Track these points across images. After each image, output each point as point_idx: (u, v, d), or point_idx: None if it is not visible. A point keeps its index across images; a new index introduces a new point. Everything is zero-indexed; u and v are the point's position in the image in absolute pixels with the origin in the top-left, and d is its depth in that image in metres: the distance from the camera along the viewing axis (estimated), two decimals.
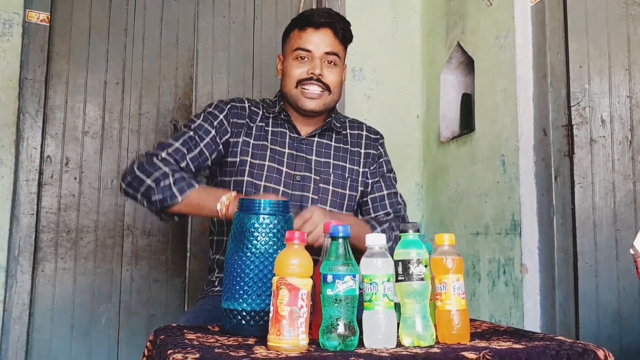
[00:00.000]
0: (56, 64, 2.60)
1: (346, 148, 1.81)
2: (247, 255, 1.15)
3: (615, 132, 2.15)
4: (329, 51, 1.70)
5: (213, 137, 1.68)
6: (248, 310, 1.14)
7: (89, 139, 2.63)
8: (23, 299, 2.43)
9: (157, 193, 1.52)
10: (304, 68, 1.70)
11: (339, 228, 1.03)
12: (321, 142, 1.78)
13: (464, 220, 2.64)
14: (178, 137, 1.66)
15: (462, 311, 1.07)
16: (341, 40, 1.74)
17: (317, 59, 1.69)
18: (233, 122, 1.72)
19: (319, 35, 1.70)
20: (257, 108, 1.79)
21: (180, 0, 2.83)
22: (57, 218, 2.55)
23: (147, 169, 1.56)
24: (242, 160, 1.69)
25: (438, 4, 3.00)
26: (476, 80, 2.63)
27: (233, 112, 1.73)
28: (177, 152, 1.62)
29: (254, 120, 1.75)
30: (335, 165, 1.77)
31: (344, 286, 0.99)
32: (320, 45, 1.70)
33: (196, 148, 1.65)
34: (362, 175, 1.80)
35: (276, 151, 1.72)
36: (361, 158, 1.82)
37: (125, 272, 2.63)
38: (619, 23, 2.17)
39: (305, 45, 1.70)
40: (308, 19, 1.72)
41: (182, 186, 1.53)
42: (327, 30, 1.71)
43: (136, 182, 1.57)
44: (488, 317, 2.41)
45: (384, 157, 1.87)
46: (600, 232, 2.10)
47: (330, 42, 1.71)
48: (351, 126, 1.87)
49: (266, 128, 1.75)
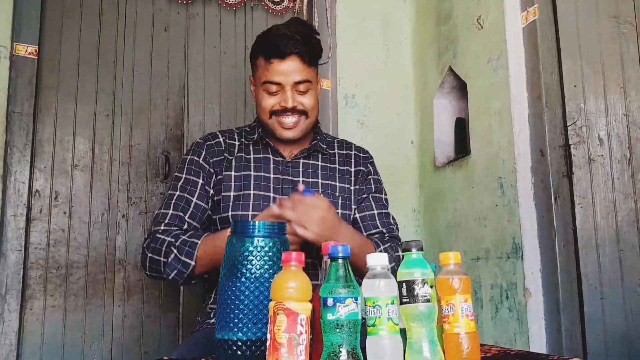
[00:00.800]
0: (45, 97, 2.56)
1: (334, 167, 1.76)
2: (241, 280, 1.09)
3: (613, 150, 2.12)
4: (299, 80, 1.63)
5: (202, 186, 1.65)
6: (244, 340, 1.07)
7: (78, 172, 2.58)
8: (10, 339, 2.34)
9: (171, 269, 1.50)
10: (275, 100, 1.65)
11: (339, 248, 0.98)
12: (307, 163, 1.73)
13: (463, 246, 2.59)
14: (169, 203, 1.63)
15: (472, 334, 1.01)
16: (309, 64, 1.65)
17: (288, 90, 1.63)
18: (213, 161, 1.68)
19: (287, 65, 1.61)
20: (233, 139, 1.75)
21: (171, 31, 2.82)
22: (46, 254, 2.48)
23: (156, 248, 1.54)
24: (226, 196, 1.65)
25: (428, 29, 3.00)
26: (470, 104, 2.61)
27: (209, 151, 1.69)
28: (174, 218, 1.60)
29: (232, 152, 1.71)
30: (324, 184, 1.71)
31: (345, 310, 0.94)
32: (289, 75, 1.62)
33: (190, 205, 1.62)
34: (355, 193, 1.74)
35: (261, 178, 1.67)
36: (351, 176, 1.76)
37: (117, 307, 2.55)
38: (612, 42, 2.17)
39: (273, 78, 1.62)
40: (273, 48, 1.61)
41: (187, 251, 1.49)
42: (294, 59, 1.61)
43: (155, 264, 1.55)
44: (492, 344, 2.34)
45: (373, 176, 1.81)
46: (604, 252, 2.06)
47: (299, 70, 1.62)
48: (339, 146, 1.83)
49: (247, 157, 1.71)
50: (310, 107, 1.67)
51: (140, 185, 2.66)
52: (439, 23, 2.90)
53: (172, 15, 2.84)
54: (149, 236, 1.60)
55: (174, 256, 1.50)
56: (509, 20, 2.35)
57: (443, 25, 2.86)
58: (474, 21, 2.58)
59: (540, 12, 2.22)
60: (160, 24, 2.81)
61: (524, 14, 2.29)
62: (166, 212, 1.61)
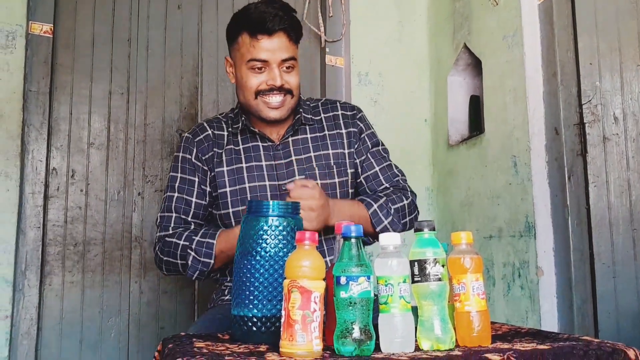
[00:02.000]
0: (60, 76, 2.58)
1: (324, 135, 1.73)
2: (256, 259, 1.11)
3: (628, 129, 2.10)
4: (286, 57, 1.60)
5: (198, 184, 1.66)
6: (259, 317, 1.10)
7: (94, 150, 2.60)
8: (31, 314, 2.40)
9: (193, 271, 1.56)
10: (261, 78, 1.60)
11: (352, 228, 0.99)
12: (297, 139, 1.71)
13: (476, 224, 2.60)
14: (170, 206, 1.65)
15: (483, 312, 1.03)
16: (295, 41, 1.63)
17: (275, 68, 1.59)
18: (205, 158, 1.67)
19: (274, 42, 1.57)
20: (221, 129, 1.72)
21: (184, 9, 2.81)
22: (63, 231, 2.52)
23: (171, 251, 1.59)
24: (222, 193, 1.65)
25: (443, 5, 2.97)
26: (484, 81, 2.59)
27: (200, 148, 1.68)
28: (178, 221, 1.63)
29: (221, 145, 1.69)
30: (317, 157, 1.69)
31: (358, 288, 0.95)
32: (276, 52, 1.58)
33: (191, 206, 1.65)
34: (349, 156, 1.72)
35: (253, 168, 1.66)
36: (343, 139, 1.73)
37: (134, 284, 2.59)
38: (629, 18, 2.14)
39: (260, 56, 1.58)
40: (259, 24, 1.57)
41: (205, 252, 1.54)
42: (281, 36, 1.58)
43: (172, 266, 1.61)
44: (504, 322, 2.36)
45: (366, 132, 1.77)
46: (617, 231, 2.05)
47: (285, 47, 1.59)
48: (324, 109, 1.78)
49: (236, 148, 1.69)
50: (295, 86, 1.64)
51: (155, 163, 2.68)
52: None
53: None
54: (159, 241, 1.63)
55: (193, 258, 1.54)
56: None
57: (458, 2, 2.83)
58: None
59: None
60: (173, 1, 2.80)
61: None
62: (169, 215, 1.64)
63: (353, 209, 1.62)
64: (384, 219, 1.63)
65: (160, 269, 1.67)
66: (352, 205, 1.64)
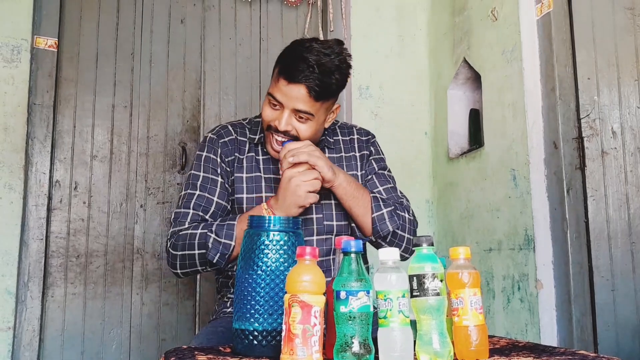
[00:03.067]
0: (64, 89, 2.61)
1: (340, 156, 1.75)
2: (257, 273, 1.12)
3: (626, 143, 2.12)
4: (300, 109, 1.53)
5: (222, 184, 1.64)
6: (260, 330, 1.11)
7: (97, 163, 2.63)
8: (33, 325, 2.41)
9: (213, 252, 1.49)
10: (274, 114, 1.57)
11: (352, 243, 1.01)
12: None
13: (476, 237, 2.61)
14: (189, 202, 1.60)
15: (480, 326, 1.04)
16: (316, 99, 1.52)
17: (286, 112, 1.54)
18: (228, 160, 1.66)
19: (291, 90, 1.51)
20: (244, 135, 1.71)
21: (187, 23, 2.85)
22: (66, 243, 2.54)
23: (186, 243, 1.52)
24: (239, 198, 1.64)
25: (443, 20, 3.00)
26: (484, 95, 2.62)
27: (224, 150, 1.67)
28: (195, 217, 1.58)
29: (243, 151, 1.68)
30: None
31: (357, 303, 0.97)
32: (291, 100, 1.52)
33: (211, 205, 1.61)
34: (362, 178, 1.74)
35: (271, 179, 1.66)
36: (357, 161, 1.75)
37: (136, 295, 2.60)
38: (627, 34, 2.16)
39: (275, 95, 1.54)
40: (286, 67, 1.52)
41: (227, 232, 1.49)
42: (302, 88, 1.50)
43: (187, 261, 1.53)
44: (504, 334, 2.37)
45: (375, 155, 1.79)
46: (616, 245, 2.07)
47: (302, 100, 1.51)
48: (342, 132, 1.80)
49: (257, 157, 1.68)
50: (305, 137, 1.57)
51: (157, 176, 2.70)
52: (454, 14, 2.90)
53: (189, 7, 2.87)
54: (172, 236, 1.58)
55: (214, 240, 1.49)
56: (523, 12, 2.35)
57: (457, 17, 2.86)
58: (489, 13, 2.58)
59: (554, 4, 2.21)
60: (176, 16, 2.84)
61: (539, 6, 2.29)
62: (187, 211, 1.59)
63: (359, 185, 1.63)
64: (383, 208, 1.61)
65: (174, 268, 1.58)
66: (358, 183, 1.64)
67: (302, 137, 1.57)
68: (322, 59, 1.51)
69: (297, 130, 1.56)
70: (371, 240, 1.64)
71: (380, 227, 1.60)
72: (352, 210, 1.61)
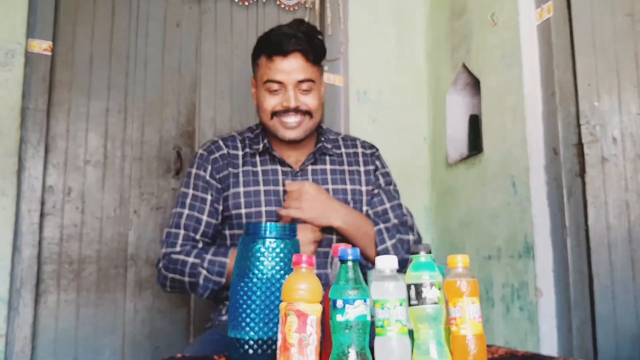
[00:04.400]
0: (58, 93, 2.58)
1: (343, 169, 1.74)
2: (253, 281, 1.10)
3: (626, 150, 2.10)
4: (302, 79, 1.59)
5: (211, 202, 1.64)
6: (255, 339, 1.09)
7: (91, 168, 2.60)
8: (25, 333, 2.38)
9: (203, 289, 1.53)
10: (277, 99, 1.61)
11: (348, 251, 0.98)
12: (316, 169, 1.71)
13: (475, 244, 2.59)
14: (179, 222, 1.62)
15: (479, 336, 1.02)
16: (314, 62, 1.61)
17: (291, 89, 1.59)
18: (219, 177, 1.65)
19: (289, 63, 1.57)
20: (236, 148, 1.70)
21: (182, 26, 2.83)
22: (59, 249, 2.51)
23: (177, 268, 1.56)
24: (237, 214, 1.63)
25: (442, 24, 2.99)
26: (483, 101, 2.60)
27: (215, 166, 1.66)
28: (186, 238, 1.60)
29: (237, 165, 1.67)
30: (335, 190, 1.69)
31: (354, 311, 0.94)
32: (291, 73, 1.58)
33: (201, 224, 1.62)
34: (366, 194, 1.73)
35: (271, 192, 1.65)
36: (361, 176, 1.75)
37: (129, 302, 2.57)
38: (627, 40, 2.15)
39: (275, 77, 1.58)
40: (275, 46, 1.58)
41: (218, 270, 1.52)
42: (298, 56, 1.58)
43: (177, 284, 1.58)
44: (503, 343, 2.34)
45: (381, 169, 1.79)
46: (616, 252, 2.05)
47: (302, 68, 1.58)
48: (345, 144, 1.80)
49: (254, 169, 1.67)
50: (314, 108, 1.63)
51: (151, 181, 2.67)
52: (453, 18, 2.88)
53: (184, 10, 2.85)
54: (163, 257, 1.60)
55: (205, 277, 1.52)
56: (523, 17, 2.34)
57: (457, 21, 2.84)
58: (488, 17, 2.57)
59: (554, 9, 2.20)
60: (172, 19, 2.82)
61: (539, 11, 2.27)
62: (177, 232, 1.61)
63: (361, 219, 1.64)
64: (387, 240, 1.62)
65: (163, 286, 1.63)
66: (361, 216, 1.66)
67: (312, 109, 1.62)
68: (300, 27, 1.61)
69: (306, 105, 1.61)
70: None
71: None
72: (355, 243, 1.60)
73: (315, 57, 1.62)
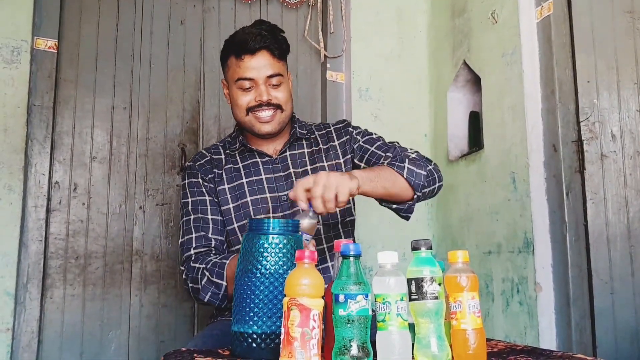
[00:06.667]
0: (64, 90, 2.61)
1: (319, 149, 1.79)
2: (256, 276, 1.13)
3: (626, 146, 2.12)
4: (271, 74, 1.67)
5: (212, 201, 1.71)
6: (259, 333, 1.11)
7: (96, 164, 2.63)
8: (32, 327, 2.41)
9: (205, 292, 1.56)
10: (250, 96, 1.68)
11: (350, 247, 1.01)
12: (294, 153, 1.78)
13: (475, 239, 2.61)
14: (189, 229, 1.67)
15: (478, 330, 1.04)
16: (279, 57, 1.70)
17: (262, 84, 1.67)
18: (208, 178, 1.73)
19: (257, 61, 1.66)
20: (218, 153, 1.79)
21: (187, 24, 2.85)
22: (65, 244, 2.54)
23: (193, 277, 1.59)
24: (226, 210, 1.71)
25: (443, 22, 3.01)
26: (483, 98, 2.62)
27: (202, 170, 1.75)
28: (199, 240, 1.65)
29: (220, 167, 1.75)
30: (313, 169, 1.74)
31: (356, 306, 0.97)
32: (260, 70, 1.66)
33: (209, 223, 1.67)
34: (345, 164, 1.76)
35: (254, 182, 1.72)
36: (337, 150, 1.79)
37: (134, 297, 2.60)
38: (626, 37, 2.16)
39: (245, 74, 1.66)
40: (242, 45, 1.66)
41: (217, 272, 1.54)
42: (264, 53, 1.67)
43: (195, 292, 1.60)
44: (503, 337, 2.37)
45: (356, 132, 1.80)
46: (615, 248, 2.07)
47: (269, 64, 1.67)
48: (317, 128, 1.86)
49: (235, 166, 1.75)
50: (284, 101, 1.71)
51: (157, 177, 2.70)
52: (454, 16, 2.90)
53: (189, 8, 2.86)
54: (184, 266, 1.64)
55: (207, 279, 1.55)
56: (523, 15, 2.35)
57: (457, 19, 2.86)
58: (489, 15, 2.59)
59: (554, 7, 2.22)
60: (176, 17, 2.84)
61: (539, 9, 2.29)
62: (189, 236, 1.66)
63: (370, 169, 1.56)
64: (406, 162, 1.57)
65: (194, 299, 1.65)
66: (378, 169, 1.55)
67: (283, 102, 1.70)
68: (263, 27, 1.69)
69: (277, 99, 1.69)
70: (418, 197, 1.60)
71: (415, 181, 1.57)
72: (386, 192, 1.53)
73: (281, 53, 1.70)
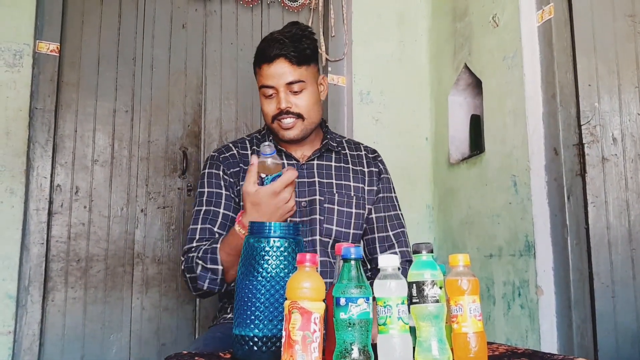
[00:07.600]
0: (66, 94, 2.62)
1: (347, 167, 1.79)
2: (257, 279, 1.13)
3: (627, 150, 2.12)
4: (290, 81, 1.65)
5: (227, 196, 1.69)
6: (260, 336, 1.11)
7: (98, 167, 2.63)
8: (33, 330, 2.41)
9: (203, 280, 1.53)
10: (273, 104, 1.68)
11: (351, 250, 1.01)
12: (321, 164, 1.77)
13: (476, 243, 2.61)
14: (197, 218, 1.66)
15: (479, 334, 1.04)
16: (299, 64, 1.66)
17: (282, 92, 1.65)
18: (230, 172, 1.72)
19: (275, 68, 1.65)
20: (245, 148, 1.78)
21: (188, 28, 2.86)
22: (67, 247, 2.54)
23: (189, 267, 1.57)
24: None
25: (444, 26, 3.01)
26: (484, 101, 2.62)
27: (226, 163, 1.73)
28: (203, 232, 1.63)
29: (247, 162, 1.73)
30: (338, 185, 1.74)
31: (357, 309, 0.97)
32: (280, 78, 1.65)
33: (218, 217, 1.65)
34: (369, 193, 1.78)
35: None
36: (365, 176, 1.80)
37: (136, 300, 2.60)
38: (627, 41, 2.17)
39: (266, 82, 1.66)
40: (261, 54, 1.67)
41: (211, 257, 1.52)
42: (282, 61, 1.64)
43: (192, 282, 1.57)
44: (504, 340, 2.37)
45: (385, 174, 1.84)
46: (616, 251, 2.07)
47: (288, 71, 1.65)
48: (349, 147, 1.86)
49: None
50: (306, 109, 1.69)
51: (158, 180, 2.71)
52: (455, 20, 2.91)
53: (190, 12, 2.87)
54: (184, 257, 1.62)
55: (202, 267, 1.53)
56: (524, 19, 2.36)
57: (458, 23, 2.86)
58: (490, 19, 2.59)
59: (555, 11, 2.22)
60: (178, 21, 2.85)
61: (540, 13, 2.29)
62: (195, 227, 1.65)
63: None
64: None
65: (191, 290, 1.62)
66: None
67: (304, 110, 1.68)
68: (286, 33, 1.67)
69: (297, 106, 1.67)
70: None
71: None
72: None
73: (300, 59, 1.66)
